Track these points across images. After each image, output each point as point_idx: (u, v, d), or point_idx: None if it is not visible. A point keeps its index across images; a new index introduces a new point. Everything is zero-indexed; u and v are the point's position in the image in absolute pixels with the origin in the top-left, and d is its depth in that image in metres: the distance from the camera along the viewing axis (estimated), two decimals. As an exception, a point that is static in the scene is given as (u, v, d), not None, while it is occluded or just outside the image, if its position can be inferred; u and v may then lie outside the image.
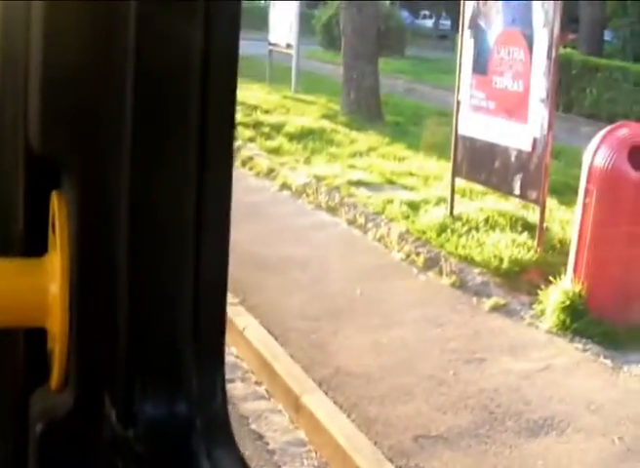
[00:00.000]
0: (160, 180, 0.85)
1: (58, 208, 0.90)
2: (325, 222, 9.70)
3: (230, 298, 7.15)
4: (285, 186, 11.08)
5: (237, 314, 6.97)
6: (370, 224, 9.34)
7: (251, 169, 12.11)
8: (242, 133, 13.97)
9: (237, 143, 13.32)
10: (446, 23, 52.88)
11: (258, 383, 6.28)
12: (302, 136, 13.81)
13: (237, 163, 12.38)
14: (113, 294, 0.87)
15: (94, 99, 0.85)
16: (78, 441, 0.92)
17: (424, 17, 56.82)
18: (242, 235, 8.83)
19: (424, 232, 8.83)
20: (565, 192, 10.27)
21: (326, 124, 14.99)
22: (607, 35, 30.55)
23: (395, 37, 32.48)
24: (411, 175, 11.41)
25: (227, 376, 3.98)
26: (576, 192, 9.91)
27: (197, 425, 0.90)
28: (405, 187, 10.83)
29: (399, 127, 15.46)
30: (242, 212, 9.65)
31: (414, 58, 32.97)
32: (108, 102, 0.84)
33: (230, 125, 0.88)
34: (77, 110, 0.87)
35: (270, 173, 11.70)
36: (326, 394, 5.78)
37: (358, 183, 10.86)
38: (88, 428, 0.91)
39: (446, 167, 11.36)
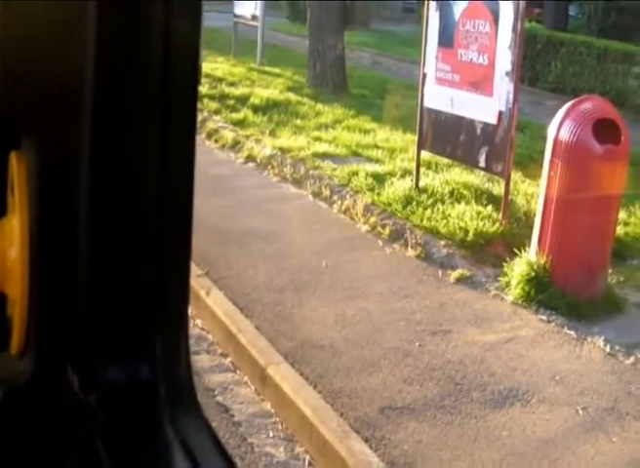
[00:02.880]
0: (121, 141, 0.84)
1: (17, 169, 0.88)
2: (290, 195, 9.68)
3: (196, 271, 7.13)
4: (250, 158, 11.03)
5: (203, 286, 6.94)
6: (335, 196, 9.33)
7: (216, 141, 12.04)
8: (207, 105, 13.88)
9: (202, 116, 13.26)
10: (411, -4, 52.64)
11: (223, 355, 6.27)
12: (268, 108, 13.75)
13: (202, 135, 12.31)
14: (74, 258, 0.85)
15: (53, 61, 0.84)
16: (39, 407, 0.91)
17: (390, -11, 56.47)
18: (207, 208, 8.81)
19: (390, 204, 8.84)
20: (529, 165, 10.29)
21: (291, 96, 14.93)
22: (572, 10, 30.60)
23: (361, 10, 32.38)
24: (376, 147, 11.41)
25: (193, 349, 3.96)
26: (540, 165, 9.99)
27: (161, 390, 0.89)
28: (370, 159, 10.83)
29: (365, 99, 15.42)
30: (207, 185, 9.63)
31: (379, 32, 32.80)
32: (68, 64, 0.83)
33: (193, 95, 0.88)
34: (36, 71, 0.86)
35: (235, 145, 11.65)
36: (292, 366, 5.78)
37: (323, 155, 10.86)
38: (49, 394, 0.90)
39: (411, 139, 11.37)
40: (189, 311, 6.72)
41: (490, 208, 8.62)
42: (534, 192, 9.44)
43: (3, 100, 0.89)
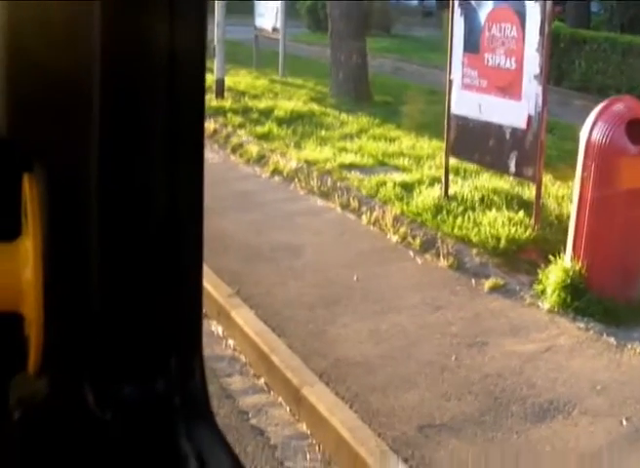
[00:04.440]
0: (130, 162, 0.85)
1: (29, 191, 0.89)
2: (318, 208, 9.57)
3: (226, 290, 7.05)
4: (276, 172, 10.93)
5: (233, 306, 6.84)
6: (364, 208, 9.21)
7: (241, 156, 11.95)
8: (231, 119, 13.83)
9: (227, 131, 13.20)
10: (431, 0, 52.67)
11: (256, 376, 6.15)
12: (292, 120, 13.64)
13: (227, 150, 12.25)
14: (87, 277, 0.87)
15: (61, 84, 0.85)
16: (57, 425, 0.92)
17: (409, -6, 56.42)
18: (234, 224, 8.72)
19: (420, 214, 8.71)
20: (559, 167, 10.14)
21: (315, 107, 14.84)
22: (593, 6, 30.37)
23: (380, 16, 32.25)
24: (403, 155, 11.28)
25: (226, 371, 3.86)
26: (570, 167, 9.84)
27: (176, 404, 0.90)
28: (397, 168, 10.70)
29: (389, 107, 15.29)
30: (233, 200, 9.56)
31: (400, 37, 32.75)
32: (76, 87, 0.84)
33: (200, 114, 0.88)
34: (44, 95, 0.87)
35: (261, 159, 11.55)
36: (327, 385, 5.66)
37: (350, 166, 10.73)
38: (66, 412, 0.91)
39: (438, 146, 11.26)
40: (221, 331, 6.64)
41: (521, 213, 8.46)
42: (565, 194, 9.30)
43: (12, 124, 0.90)
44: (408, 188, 9.54)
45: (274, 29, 19.27)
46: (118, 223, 0.86)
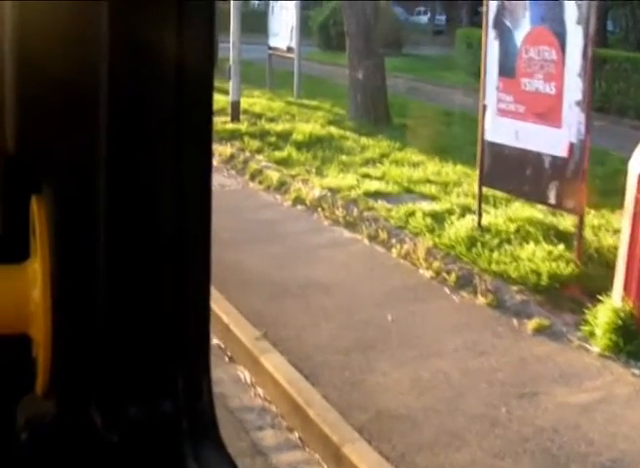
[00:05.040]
0: (137, 183, 0.86)
1: (38, 212, 0.90)
2: (344, 239, 9.11)
3: (253, 332, 6.62)
4: (298, 200, 10.47)
5: (262, 350, 6.38)
6: (393, 240, 8.75)
7: (260, 182, 11.53)
8: (248, 143, 13.45)
9: (245, 156, 12.80)
10: (441, 19, 52.65)
11: (290, 430, 5.69)
12: (311, 144, 13.24)
13: (246, 177, 11.85)
14: (95, 299, 0.88)
15: (68, 104, 0.85)
16: (64, 446, 0.92)
17: (419, 13, 56.39)
18: (256, 258, 8.30)
19: (453, 247, 8.25)
20: (590, 194, 9.68)
21: (333, 130, 14.44)
22: (609, 25, 30.11)
23: (392, 35, 31.98)
24: (429, 182, 10.84)
25: (256, 423, 3.34)
26: (603, 194, 9.42)
27: (184, 426, 0.90)
28: (425, 196, 10.25)
29: (409, 130, 14.89)
30: (254, 231, 9.17)
31: (411, 56, 32.48)
32: (82, 107, 0.84)
33: (207, 131, 0.88)
34: (52, 115, 0.85)
35: (281, 186, 11.10)
36: (369, 443, 5.20)
37: (375, 194, 10.27)
38: (73, 433, 0.91)
39: (463, 171, 10.89)
40: (249, 378, 6.20)
41: (561, 246, 8.01)
42: (601, 224, 8.89)
43: (20, 145, 0.88)
44: (438, 218, 9.09)
45: (289, 49, 18.97)
46: (126, 245, 0.86)
